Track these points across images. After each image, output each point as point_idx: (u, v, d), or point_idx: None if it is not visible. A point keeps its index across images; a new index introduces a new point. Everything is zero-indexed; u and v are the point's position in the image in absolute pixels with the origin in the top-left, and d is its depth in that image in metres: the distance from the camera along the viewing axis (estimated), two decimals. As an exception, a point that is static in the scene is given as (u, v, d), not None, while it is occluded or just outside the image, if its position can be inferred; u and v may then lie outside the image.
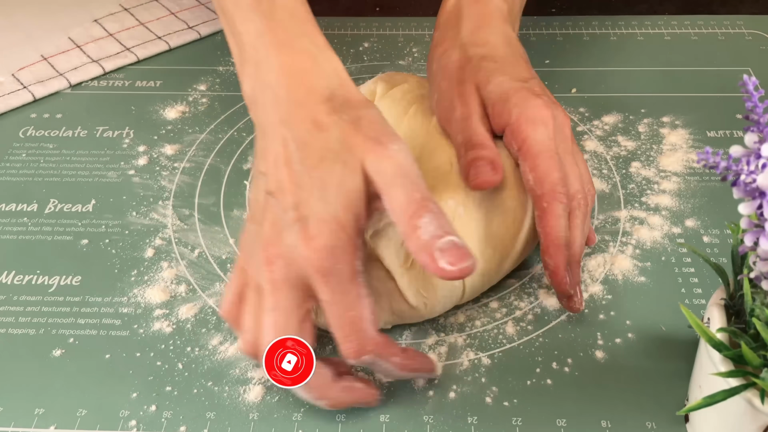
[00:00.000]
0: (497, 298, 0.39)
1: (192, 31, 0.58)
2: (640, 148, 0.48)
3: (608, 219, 0.43)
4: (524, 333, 0.37)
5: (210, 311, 0.39)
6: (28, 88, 0.52)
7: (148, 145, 0.49)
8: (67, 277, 0.41)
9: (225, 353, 0.37)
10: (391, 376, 0.34)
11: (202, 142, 0.49)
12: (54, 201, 0.45)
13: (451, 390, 0.35)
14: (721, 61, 0.55)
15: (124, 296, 0.39)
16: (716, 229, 0.42)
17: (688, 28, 0.58)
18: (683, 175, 0.46)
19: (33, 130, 0.50)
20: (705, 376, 0.31)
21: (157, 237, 0.43)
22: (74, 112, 0.52)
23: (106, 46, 0.56)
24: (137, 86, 0.54)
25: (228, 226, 0.44)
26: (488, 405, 0.34)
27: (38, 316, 0.39)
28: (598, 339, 0.37)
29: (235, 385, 0.35)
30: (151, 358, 0.36)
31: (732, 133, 0.49)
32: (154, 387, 0.35)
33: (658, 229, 0.43)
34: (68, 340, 0.37)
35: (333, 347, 0.36)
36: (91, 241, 0.43)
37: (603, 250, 0.41)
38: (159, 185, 0.46)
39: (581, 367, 0.36)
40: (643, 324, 0.37)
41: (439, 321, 0.38)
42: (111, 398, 0.35)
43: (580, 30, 0.59)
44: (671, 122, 0.50)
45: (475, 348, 0.37)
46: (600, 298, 0.39)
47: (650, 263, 0.41)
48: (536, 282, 0.40)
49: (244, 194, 0.46)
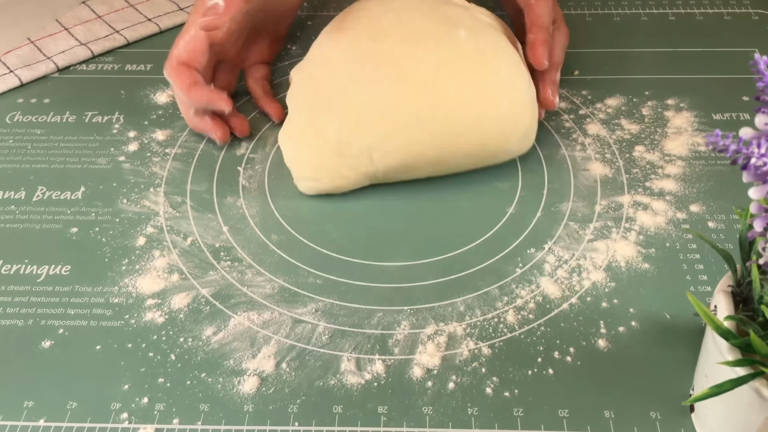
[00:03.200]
0: (498, 287, 0.38)
1: (183, 13, 0.56)
2: (644, 132, 0.47)
3: (611, 204, 0.42)
4: (525, 322, 0.37)
5: (203, 301, 0.38)
6: (14, 72, 0.51)
7: (138, 131, 0.48)
8: (56, 266, 0.40)
9: (219, 344, 0.36)
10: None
11: (194, 127, 0.48)
12: (42, 188, 0.44)
13: (450, 381, 0.34)
14: (727, 41, 0.53)
15: (115, 286, 0.39)
16: (722, 215, 0.41)
17: (693, 8, 0.57)
18: (688, 159, 0.45)
19: (20, 116, 0.49)
20: (711, 365, 0.30)
21: (148, 225, 0.42)
22: (62, 96, 0.50)
23: (95, 28, 0.55)
24: (127, 70, 0.52)
25: (221, 213, 0.43)
26: (489, 396, 0.34)
27: (26, 307, 0.38)
28: (601, 327, 0.36)
29: (229, 376, 0.34)
30: (143, 349, 0.36)
31: (738, 115, 0.48)
32: (146, 379, 0.34)
33: (663, 214, 0.42)
34: (58, 331, 0.36)
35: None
36: (81, 229, 0.42)
37: (606, 236, 0.41)
38: (150, 172, 0.45)
39: (584, 356, 0.35)
40: (647, 312, 0.37)
41: (437, 310, 0.37)
42: (102, 390, 0.34)
43: (582, 10, 0.58)
44: (676, 105, 0.49)
45: (475, 337, 0.36)
46: (603, 285, 0.38)
47: (654, 249, 0.40)
48: (537, 269, 0.39)
49: (237, 181, 0.45)
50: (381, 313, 0.37)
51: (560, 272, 0.39)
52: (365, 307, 0.38)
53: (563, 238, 0.41)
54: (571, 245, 0.40)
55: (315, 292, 0.38)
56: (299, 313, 0.37)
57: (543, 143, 0.46)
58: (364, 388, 0.34)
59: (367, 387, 0.34)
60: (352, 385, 0.34)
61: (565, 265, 0.39)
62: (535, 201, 0.43)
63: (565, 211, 0.42)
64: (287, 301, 0.38)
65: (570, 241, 0.40)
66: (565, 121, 0.48)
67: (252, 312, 0.37)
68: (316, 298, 0.38)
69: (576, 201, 0.43)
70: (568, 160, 0.45)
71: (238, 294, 0.38)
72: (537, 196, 0.43)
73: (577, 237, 0.41)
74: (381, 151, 0.41)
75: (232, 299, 0.38)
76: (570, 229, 0.41)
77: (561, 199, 0.43)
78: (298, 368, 0.35)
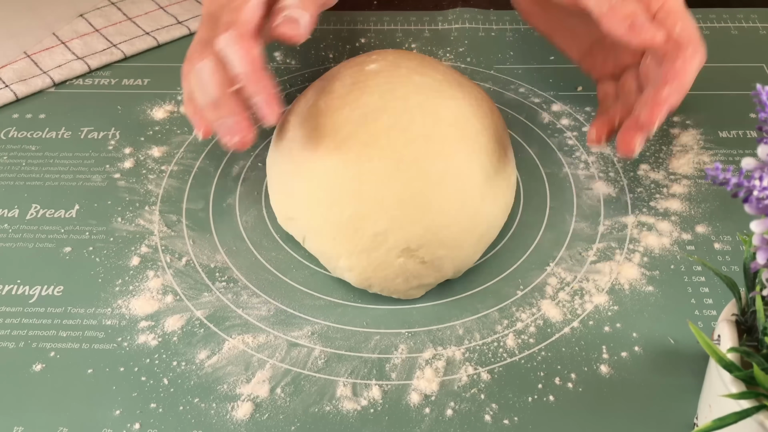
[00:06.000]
0: (497, 309, 0.37)
1: (181, 27, 0.56)
2: (649, 150, 0.46)
3: (615, 225, 0.42)
4: (526, 346, 0.36)
5: (197, 323, 0.37)
6: (10, 86, 0.51)
7: (134, 147, 0.47)
8: (49, 286, 0.39)
9: (213, 368, 0.35)
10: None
11: (191, 143, 0.48)
12: (36, 206, 0.43)
13: (448, 407, 0.33)
14: (734, 56, 0.53)
15: (108, 307, 0.38)
16: (728, 236, 0.41)
17: (699, 21, 0.56)
18: (694, 178, 0.44)
19: (15, 132, 0.49)
20: (715, 396, 0.29)
21: (143, 244, 0.41)
22: (58, 112, 0.50)
23: (92, 42, 0.54)
24: (124, 85, 0.52)
25: (217, 232, 0.42)
26: (488, 423, 0.33)
27: (18, 329, 0.37)
28: (604, 353, 0.35)
29: (222, 401, 0.34)
30: (135, 372, 0.35)
31: (746, 133, 0.47)
32: (138, 404, 0.34)
33: (668, 235, 0.41)
34: (49, 354, 0.36)
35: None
36: (74, 248, 0.41)
37: (609, 257, 0.40)
38: (145, 189, 0.45)
39: (585, 382, 0.34)
40: (651, 337, 0.36)
41: (436, 333, 0.36)
42: (93, 415, 0.33)
43: (585, 23, 0.57)
44: (681, 122, 0.48)
45: (474, 362, 0.35)
46: (606, 309, 0.37)
47: (659, 272, 0.39)
48: (538, 292, 0.38)
49: (234, 199, 0.44)
50: (378, 336, 0.37)
51: (562, 295, 0.38)
52: (362, 330, 0.37)
53: (565, 260, 0.40)
54: (574, 267, 0.39)
55: (311, 314, 0.38)
56: (295, 336, 0.37)
57: (545, 161, 0.45)
58: (360, 414, 0.33)
59: (363, 413, 0.33)
60: (348, 412, 0.33)
61: (567, 287, 0.38)
62: (536, 221, 0.42)
63: (568, 231, 0.41)
64: (283, 324, 0.37)
65: (572, 262, 0.40)
66: (568, 139, 0.47)
67: (247, 335, 0.37)
68: (312, 320, 0.37)
69: (579, 221, 0.42)
70: (571, 179, 0.45)
71: (232, 316, 0.38)
72: (539, 215, 0.42)
73: (580, 258, 0.40)
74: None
75: (226, 321, 0.37)
76: (572, 250, 0.40)
77: (563, 219, 0.42)
78: (293, 393, 0.34)
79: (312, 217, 0.38)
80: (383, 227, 0.36)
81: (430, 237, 0.36)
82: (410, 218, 0.36)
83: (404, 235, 0.36)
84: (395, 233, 0.36)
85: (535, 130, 0.48)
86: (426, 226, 0.36)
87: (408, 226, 0.36)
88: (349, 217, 0.37)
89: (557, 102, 0.50)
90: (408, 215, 0.36)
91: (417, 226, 0.36)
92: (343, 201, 0.37)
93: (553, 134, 0.47)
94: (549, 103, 0.50)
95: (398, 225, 0.36)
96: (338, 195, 0.37)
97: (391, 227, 0.36)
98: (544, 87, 0.51)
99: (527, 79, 0.52)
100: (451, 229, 0.37)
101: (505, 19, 0.58)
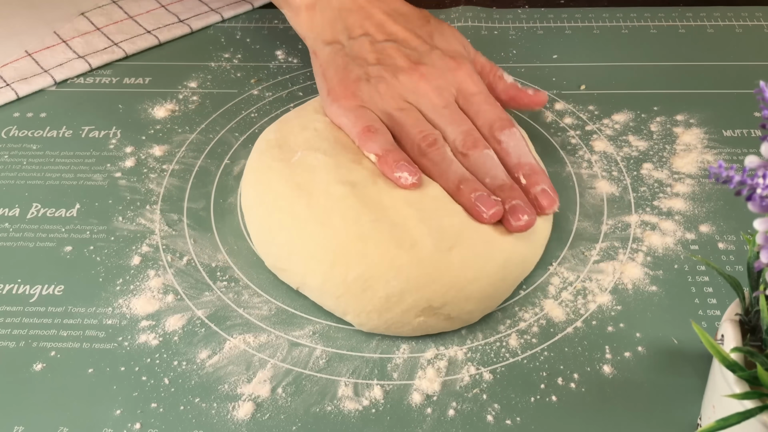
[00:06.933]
0: (500, 309, 0.37)
1: (183, 25, 0.56)
2: (653, 149, 0.46)
3: (618, 224, 0.41)
4: (528, 346, 0.36)
5: (198, 322, 0.37)
6: (11, 85, 0.51)
7: (135, 146, 0.47)
8: (50, 286, 0.39)
9: (214, 367, 0.35)
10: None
11: (192, 142, 0.47)
12: (37, 205, 0.43)
13: (450, 407, 0.33)
14: (739, 55, 0.52)
15: (109, 306, 0.38)
16: (732, 235, 0.40)
17: (703, 20, 0.56)
18: (698, 177, 0.44)
19: (16, 130, 0.48)
20: (718, 396, 0.29)
21: (143, 243, 0.41)
22: (59, 110, 0.50)
23: (93, 41, 0.54)
24: (125, 83, 0.52)
25: (218, 231, 0.42)
26: (490, 423, 0.33)
27: (18, 328, 0.37)
28: (607, 353, 0.35)
29: (223, 401, 0.34)
30: (136, 372, 0.35)
31: (750, 132, 0.47)
32: (139, 404, 0.34)
33: (671, 234, 0.41)
34: (50, 354, 0.36)
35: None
36: (75, 248, 0.41)
37: (612, 257, 0.39)
38: (146, 188, 0.44)
39: (588, 382, 0.34)
40: (654, 337, 0.36)
41: (438, 333, 0.36)
42: (94, 415, 0.33)
43: (590, 23, 0.57)
44: (685, 121, 0.48)
45: (476, 362, 0.35)
46: (609, 308, 0.37)
47: (662, 271, 0.39)
48: (541, 292, 0.38)
49: (235, 198, 0.44)
50: (380, 336, 0.36)
51: (565, 294, 0.38)
52: (364, 330, 0.37)
53: (568, 259, 0.40)
54: (577, 266, 0.39)
55: (313, 313, 0.37)
56: (296, 335, 0.36)
57: (548, 160, 0.45)
58: (361, 414, 0.33)
59: (364, 413, 0.33)
60: (350, 412, 0.33)
61: (570, 287, 0.38)
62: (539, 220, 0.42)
63: (571, 230, 0.41)
64: (284, 323, 0.37)
65: (575, 262, 0.39)
66: (570, 138, 0.47)
67: (248, 334, 0.36)
68: (313, 320, 0.37)
69: (582, 220, 0.42)
70: (574, 178, 0.44)
71: (234, 315, 0.37)
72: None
73: (583, 258, 0.40)
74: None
75: (227, 321, 0.37)
76: (575, 250, 0.40)
77: (566, 219, 0.42)
78: (295, 393, 0.34)
79: (308, 274, 0.35)
80: (397, 288, 0.33)
81: (455, 294, 0.33)
82: (429, 277, 0.32)
83: (424, 295, 0.32)
84: (412, 294, 0.32)
85: (537, 129, 0.48)
86: (449, 283, 0.32)
87: (427, 285, 0.32)
88: (354, 279, 0.33)
89: (560, 100, 0.50)
90: (427, 274, 0.32)
91: (437, 285, 0.32)
92: (348, 262, 0.33)
93: (556, 133, 0.47)
94: (552, 101, 0.50)
95: (414, 286, 0.32)
96: (341, 256, 0.33)
97: (407, 288, 0.32)
98: (547, 85, 0.51)
99: (530, 77, 0.52)
100: (481, 282, 0.33)
101: (507, 17, 0.57)
